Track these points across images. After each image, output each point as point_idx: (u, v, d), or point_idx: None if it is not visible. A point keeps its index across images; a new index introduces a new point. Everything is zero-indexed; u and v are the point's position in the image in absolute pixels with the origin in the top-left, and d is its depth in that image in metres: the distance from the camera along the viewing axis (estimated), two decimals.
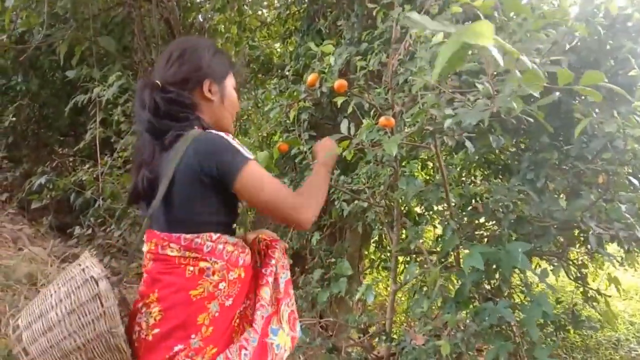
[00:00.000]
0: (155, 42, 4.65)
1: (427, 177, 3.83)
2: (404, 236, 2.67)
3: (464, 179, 2.88)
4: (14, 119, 5.25)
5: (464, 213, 2.32)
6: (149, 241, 1.36)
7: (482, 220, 2.20)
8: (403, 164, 2.49)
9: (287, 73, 3.47)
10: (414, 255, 2.89)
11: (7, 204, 5.21)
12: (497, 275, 1.98)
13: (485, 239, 2.27)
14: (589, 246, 1.95)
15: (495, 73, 0.93)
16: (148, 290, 1.32)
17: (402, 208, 2.73)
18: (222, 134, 1.32)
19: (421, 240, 2.44)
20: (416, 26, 0.48)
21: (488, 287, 2.12)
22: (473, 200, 2.29)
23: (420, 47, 1.70)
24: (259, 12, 5.72)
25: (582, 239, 2.20)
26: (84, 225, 4.56)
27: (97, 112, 4.05)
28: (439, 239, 2.65)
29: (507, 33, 0.95)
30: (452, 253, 2.19)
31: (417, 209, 3.28)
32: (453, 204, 2.20)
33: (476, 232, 2.26)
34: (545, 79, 0.71)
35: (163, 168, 1.32)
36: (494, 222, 2.15)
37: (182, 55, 1.43)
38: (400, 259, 3.42)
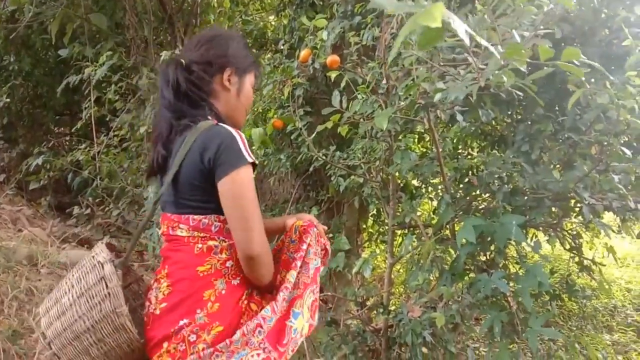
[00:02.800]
0: (147, 19, 4.59)
1: (424, 150, 3.81)
2: (400, 210, 2.69)
3: (460, 151, 2.88)
4: (8, 99, 5.21)
5: (460, 186, 2.33)
6: (162, 223, 1.41)
7: (477, 192, 2.21)
8: (399, 138, 2.48)
9: (281, 47, 3.44)
10: (411, 229, 2.91)
11: (5, 185, 5.21)
12: (492, 247, 2.00)
13: (481, 211, 2.28)
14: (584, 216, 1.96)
15: (484, 48, 0.91)
16: (160, 269, 1.39)
17: (399, 182, 2.73)
18: (231, 130, 1.33)
19: (418, 214, 2.44)
20: (377, 5, 0.47)
21: (484, 258, 2.14)
22: (470, 173, 2.29)
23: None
24: None
25: (577, 209, 2.21)
26: (83, 204, 4.59)
27: (90, 91, 4.03)
28: (435, 212, 2.66)
29: (491, 6, 0.94)
30: (447, 226, 2.20)
31: (415, 182, 3.28)
32: (448, 177, 2.20)
33: (472, 204, 2.27)
34: (531, 51, 0.70)
35: (174, 150, 1.37)
36: (488, 194, 2.16)
37: (212, 40, 1.50)
38: (398, 232, 3.44)
